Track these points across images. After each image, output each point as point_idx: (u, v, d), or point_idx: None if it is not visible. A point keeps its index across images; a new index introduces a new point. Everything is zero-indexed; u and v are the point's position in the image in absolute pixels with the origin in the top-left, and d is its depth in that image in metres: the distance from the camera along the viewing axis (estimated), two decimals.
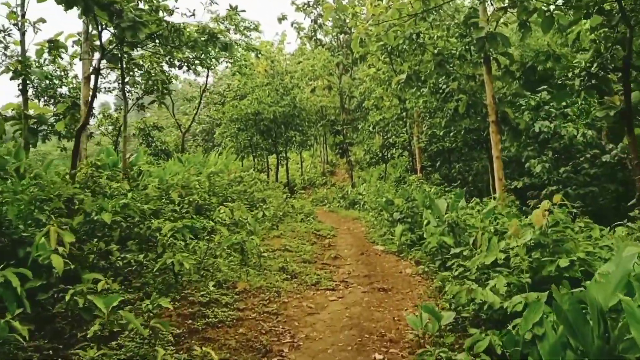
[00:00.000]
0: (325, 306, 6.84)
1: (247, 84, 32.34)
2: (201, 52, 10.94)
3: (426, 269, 8.37)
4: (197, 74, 14.65)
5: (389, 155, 29.01)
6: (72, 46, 14.82)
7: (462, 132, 16.59)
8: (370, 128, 27.78)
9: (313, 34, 39.21)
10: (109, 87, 22.16)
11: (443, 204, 9.41)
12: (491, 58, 13.80)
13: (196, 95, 26.13)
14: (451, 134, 17.27)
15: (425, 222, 9.87)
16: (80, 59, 12.30)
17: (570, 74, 17.76)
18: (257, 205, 16.01)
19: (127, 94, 13.01)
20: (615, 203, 17.60)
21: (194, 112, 27.44)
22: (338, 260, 10.40)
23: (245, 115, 30.57)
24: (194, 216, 11.45)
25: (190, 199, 11.58)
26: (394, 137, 26.50)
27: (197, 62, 11.43)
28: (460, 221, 8.30)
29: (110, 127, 27.03)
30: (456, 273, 7.02)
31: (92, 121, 24.08)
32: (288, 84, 34.13)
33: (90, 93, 11.80)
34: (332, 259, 10.39)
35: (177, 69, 17.40)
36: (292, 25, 40.79)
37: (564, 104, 19.11)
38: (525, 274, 5.10)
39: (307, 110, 36.80)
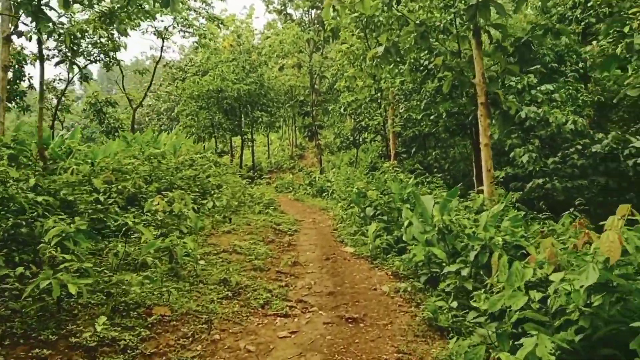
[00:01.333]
0: (270, 349, 4.84)
1: (211, 59, 29.94)
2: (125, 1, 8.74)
3: (408, 288, 6.45)
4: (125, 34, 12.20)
5: (360, 140, 27.09)
6: None
7: (444, 116, 14.72)
8: (342, 110, 25.77)
9: (283, 7, 36.80)
10: (49, 55, 19.56)
11: (429, 201, 7.51)
12: (482, 31, 11.96)
13: (150, 68, 23.72)
14: (431, 117, 15.39)
15: (405, 223, 7.96)
16: None
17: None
18: (211, 193, 13.97)
19: (43, 51, 10.61)
20: (602, 197, 16.09)
21: (147, 86, 24.90)
22: (297, 267, 8.42)
23: (207, 92, 28.22)
24: (121, 209, 9.34)
25: (120, 187, 9.42)
26: (366, 120, 24.56)
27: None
28: (455, 227, 6.40)
29: (55, 101, 24.44)
30: (454, 304, 5.13)
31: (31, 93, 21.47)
32: (255, 60, 31.83)
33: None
34: (291, 265, 8.41)
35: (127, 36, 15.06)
36: None
37: (551, 88, 17.49)
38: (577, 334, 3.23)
39: (276, 90, 34.62)
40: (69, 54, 17.48)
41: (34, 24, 9.99)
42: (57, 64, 11.06)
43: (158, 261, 6.54)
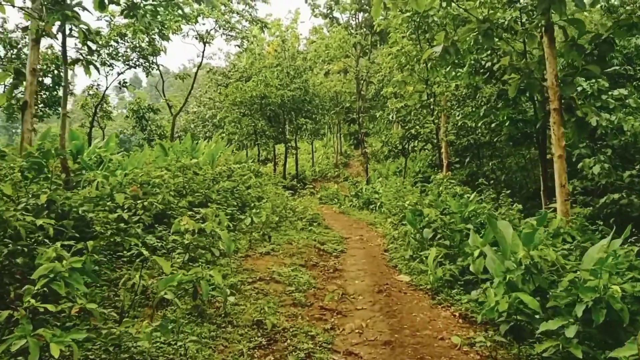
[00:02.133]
0: None
1: (254, 64, 29.11)
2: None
3: (487, 342, 5.11)
4: (166, 39, 11.32)
5: (409, 148, 25.66)
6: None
7: (507, 123, 13.21)
8: (390, 117, 24.43)
9: (329, 11, 35.73)
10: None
11: (507, 229, 6.15)
12: (555, 27, 10.51)
13: (191, 74, 22.99)
14: (492, 124, 13.90)
15: (474, 252, 6.62)
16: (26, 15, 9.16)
17: None
18: (251, 207, 12.93)
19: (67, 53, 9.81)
20: None
21: (188, 91, 24.15)
22: (345, 302, 7.17)
23: (250, 98, 27.36)
24: (148, 228, 8.33)
25: (146, 203, 8.41)
26: (416, 127, 23.13)
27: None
28: (546, 265, 5.04)
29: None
30: None
31: (71, 100, 21.07)
32: (300, 66, 30.86)
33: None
34: (337, 299, 7.17)
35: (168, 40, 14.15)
36: (306, 1, 37.25)
37: (625, 93, 15.76)
38: None
39: (321, 96, 33.55)
40: (85, 53, 16.66)
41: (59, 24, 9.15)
42: (71, 63, 10.13)
43: (179, 299, 5.44)
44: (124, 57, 17.69)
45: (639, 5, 19.26)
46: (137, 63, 18.23)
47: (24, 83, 10.38)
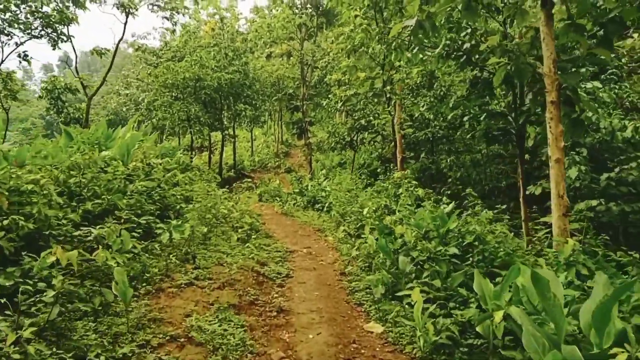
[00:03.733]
0: None
1: (188, 43, 26.11)
2: None
3: None
4: (81, 6, 8.57)
5: (358, 140, 23.51)
6: None
7: (483, 117, 11.20)
8: (337, 106, 22.17)
9: None
10: None
11: (557, 287, 3.96)
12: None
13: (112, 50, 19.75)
14: (465, 117, 11.86)
15: (488, 306, 4.44)
16: None
17: None
18: (174, 211, 10.41)
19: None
20: None
21: (106, 70, 20.81)
22: None
23: (183, 81, 24.39)
24: (12, 258, 5.70)
25: (5, 222, 5.75)
26: (370, 117, 21.02)
27: None
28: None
29: None
30: None
31: None
32: (240, 47, 28.09)
33: None
34: None
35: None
36: None
37: (599, 86, 14.21)
38: None
39: (262, 81, 30.93)
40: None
41: None
42: None
43: None
44: (24, 25, 14.51)
45: None
46: (41, 33, 15.07)
47: None
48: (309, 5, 30.06)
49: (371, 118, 20.24)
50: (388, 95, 16.83)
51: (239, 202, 14.15)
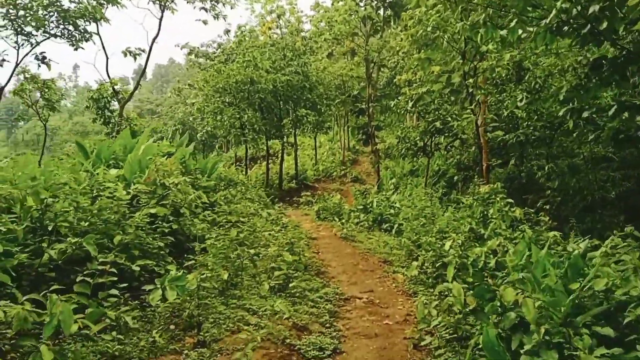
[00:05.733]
0: None
1: (242, 43, 23.91)
2: None
3: None
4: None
5: (432, 146, 20.36)
6: None
7: (613, 110, 7.96)
8: (408, 106, 19.14)
9: None
10: None
11: None
12: None
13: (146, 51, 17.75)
14: (585, 113, 8.63)
15: None
16: None
17: None
18: (199, 245, 7.93)
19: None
20: None
21: (141, 72, 18.74)
22: None
23: (236, 85, 22.18)
24: None
25: None
26: (445, 119, 17.94)
27: None
28: None
29: (38, 94, 18.99)
30: None
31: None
32: (299, 47, 25.65)
33: None
34: None
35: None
36: None
37: None
38: None
39: (325, 84, 28.36)
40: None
41: None
42: None
43: None
44: (37, 21, 12.57)
45: None
46: (62, 32, 13.13)
47: None
48: None
49: (449, 119, 17.10)
50: (470, 91, 13.68)
51: (285, 227, 11.55)
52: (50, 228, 6.12)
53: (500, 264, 8.55)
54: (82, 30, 13.72)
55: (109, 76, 17.67)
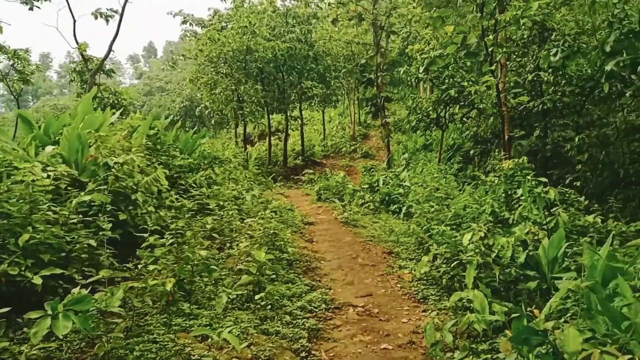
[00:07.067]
0: None
1: (239, 10, 21.94)
2: None
3: None
4: None
5: (447, 117, 18.37)
6: None
7: None
8: (419, 72, 17.14)
9: None
10: None
11: None
12: None
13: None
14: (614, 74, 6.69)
15: None
16: None
17: None
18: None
19: None
20: None
21: (112, 38, 16.79)
22: None
23: (232, 53, 20.31)
24: None
25: None
26: (459, 85, 15.97)
27: None
28: None
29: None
30: None
31: None
32: (303, 12, 23.66)
33: None
34: None
35: None
36: None
37: None
38: None
39: (333, 55, 26.37)
40: None
41: None
42: None
43: None
44: None
45: None
46: None
47: None
48: None
49: (465, 84, 15.12)
50: (490, 49, 11.68)
51: (275, 212, 9.82)
52: None
53: (532, 258, 6.85)
54: None
55: (76, 41, 15.86)
